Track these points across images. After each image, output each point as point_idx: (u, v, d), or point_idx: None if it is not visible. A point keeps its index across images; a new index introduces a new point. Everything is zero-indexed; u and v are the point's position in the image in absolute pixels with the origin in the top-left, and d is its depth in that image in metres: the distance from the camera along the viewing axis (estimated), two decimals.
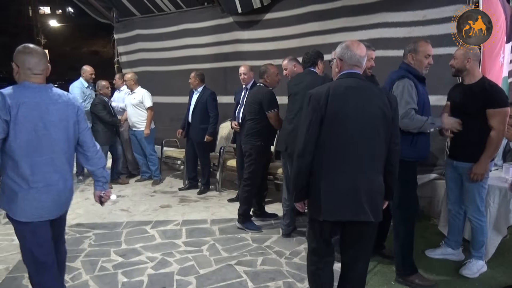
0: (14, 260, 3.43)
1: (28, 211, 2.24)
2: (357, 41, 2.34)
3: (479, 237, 3.08)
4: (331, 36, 5.01)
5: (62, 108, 2.27)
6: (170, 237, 3.94)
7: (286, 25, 5.45)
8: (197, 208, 4.83)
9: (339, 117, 2.16)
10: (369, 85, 2.29)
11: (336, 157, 2.17)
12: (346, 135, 2.16)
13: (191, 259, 3.45)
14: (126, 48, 7.62)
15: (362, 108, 2.16)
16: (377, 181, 2.21)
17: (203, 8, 6.33)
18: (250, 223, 4.12)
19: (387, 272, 3.16)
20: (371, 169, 2.19)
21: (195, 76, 5.36)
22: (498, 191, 3.15)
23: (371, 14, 4.70)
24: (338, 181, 2.17)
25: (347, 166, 2.16)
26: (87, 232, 4.06)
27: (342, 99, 2.17)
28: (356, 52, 2.25)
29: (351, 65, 2.26)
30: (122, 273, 3.22)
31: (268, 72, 4.10)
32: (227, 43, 6.10)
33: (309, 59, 3.78)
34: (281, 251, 3.59)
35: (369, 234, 2.29)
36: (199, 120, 5.27)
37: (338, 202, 2.17)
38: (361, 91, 2.20)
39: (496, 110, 2.88)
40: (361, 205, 2.15)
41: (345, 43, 2.31)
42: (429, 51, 2.96)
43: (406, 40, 4.45)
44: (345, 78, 2.26)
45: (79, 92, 5.85)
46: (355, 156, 2.16)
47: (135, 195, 5.35)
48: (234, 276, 3.15)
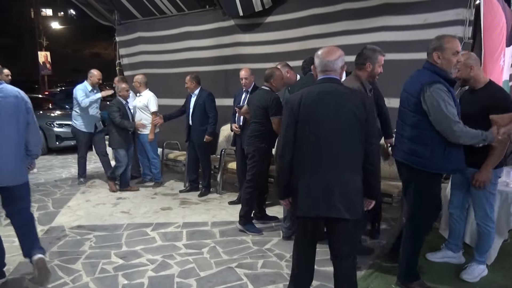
0: (15, 262, 3.44)
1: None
2: (330, 47, 2.48)
3: (485, 242, 3.07)
4: (332, 40, 5.01)
5: (13, 101, 2.89)
6: (171, 240, 3.94)
7: (287, 28, 5.47)
8: (197, 210, 4.84)
9: (312, 120, 2.33)
10: (343, 89, 2.40)
11: (311, 157, 2.34)
12: (319, 136, 2.32)
13: (191, 262, 3.45)
14: (128, 51, 7.65)
15: (334, 111, 2.30)
16: (353, 179, 2.32)
17: (205, 11, 6.34)
18: (251, 225, 4.12)
19: (388, 275, 3.15)
20: (346, 168, 2.31)
21: (190, 79, 5.34)
22: (499, 194, 3.14)
23: (372, 18, 4.71)
24: (313, 180, 2.34)
25: (322, 166, 2.32)
26: (87, 234, 4.07)
27: (314, 103, 2.33)
28: (324, 58, 2.40)
29: (323, 71, 2.42)
30: (123, 275, 3.22)
31: (274, 76, 4.07)
32: (228, 45, 6.12)
33: (308, 65, 3.98)
34: (281, 254, 3.58)
35: (348, 231, 2.37)
36: (199, 122, 5.28)
37: (313, 199, 2.34)
38: (334, 95, 2.34)
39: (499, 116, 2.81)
40: (333, 202, 2.29)
41: (318, 50, 2.46)
42: (457, 47, 2.68)
43: (407, 43, 4.48)
44: (321, 83, 2.41)
45: (82, 95, 5.74)
46: (329, 156, 2.31)
47: (136, 197, 5.36)
48: (235, 279, 3.15)
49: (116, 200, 5.26)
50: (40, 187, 5.90)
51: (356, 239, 2.49)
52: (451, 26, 4.12)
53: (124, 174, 5.67)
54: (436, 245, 3.55)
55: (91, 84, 5.89)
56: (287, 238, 3.90)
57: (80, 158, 6.00)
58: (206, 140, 5.26)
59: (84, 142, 5.90)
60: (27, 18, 28.31)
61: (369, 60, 3.03)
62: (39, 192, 5.62)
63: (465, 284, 3.02)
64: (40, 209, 4.89)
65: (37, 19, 24.10)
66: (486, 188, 2.96)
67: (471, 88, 3.07)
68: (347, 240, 2.39)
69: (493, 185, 2.99)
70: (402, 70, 4.47)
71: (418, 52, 4.33)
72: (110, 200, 5.27)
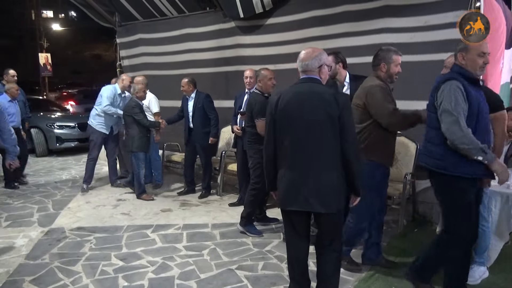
0: (15, 264, 3.43)
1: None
2: (309, 48, 2.59)
3: (482, 242, 3.07)
4: (332, 41, 5.02)
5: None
6: (171, 241, 3.93)
7: (288, 30, 5.47)
8: (198, 212, 4.83)
9: (287, 118, 2.46)
10: (318, 88, 2.47)
11: (287, 154, 2.48)
12: (293, 135, 2.44)
13: (191, 264, 3.44)
14: (129, 52, 7.66)
15: (307, 109, 2.40)
16: (327, 175, 2.40)
17: (206, 12, 6.35)
18: (252, 227, 4.11)
19: (388, 277, 3.14)
20: (318, 164, 2.40)
21: (187, 82, 5.30)
22: (499, 196, 3.13)
23: (373, 20, 4.71)
24: (288, 175, 2.48)
25: (296, 162, 2.45)
26: (88, 236, 4.06)
27: (289, 102, 2.46)
28: (301, 61, 2.53)
29: (301, 71, 2.55)
30: (123, 277, 3.21)
31: (260, 76, 4.06)
32: (229, 47, 6.12)
33: None
34: (282, 256, 3.57)
35: (326, 224, 2.51)
36: (200, 125, 5.27)
37: (288, 193, 2.48)
38: (307, 94, 2.44)
39: (492, 115, 2.84)
40: (306, 197, 2.41)
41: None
42: (483, 49, 2.64)
43: (408, 45, 4.48)
44: (299, 83, 2.54)
45: (110, 97, 5.58)
46: (302, 153, 2.42)
47: (136, 199, 5.35)
48: (235, 281, 3.14)
49: (116, 201, 5.25)
50: (40, 189, 5.90)
51: (338, 232, 2.58)
52: (452, 28, 4.11)
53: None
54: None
55: (121, 88, 5.74)
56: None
57: (90, 160, 5.74)
58: (211, 142, 5.26)
59: (98, 143, 5.72)
60: (28, 19, 28.36)
61: (384, 60, 3.08)
62: (39, 194, 5.61)
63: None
64: (40, 210, 4.88)
65: (38, 20, 24.10)
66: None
67: None
68: (328, 232, 2.53)
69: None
70: (403, 72, 4.48)
71: (420, 54, 4.34)
72: (110, 201, 5.26)
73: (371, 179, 2.98)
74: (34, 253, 3.65)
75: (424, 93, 3.70)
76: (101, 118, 5.68)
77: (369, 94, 2.99)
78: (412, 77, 4.36)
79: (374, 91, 2.99)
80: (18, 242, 3.91)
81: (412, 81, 4.37)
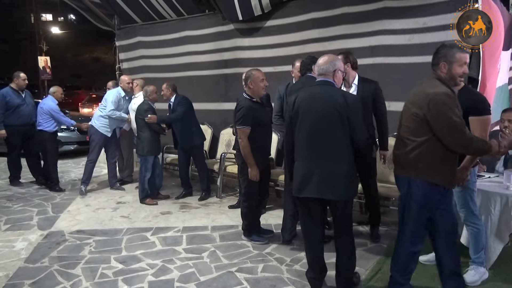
0: (14, 267, 3.43)
1: None
2: (326, 55, 2.90)
3: (478, 241, 3.08)
4: (331, 43, 5.04)
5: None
6: (171, 244, 3.93)
7: (286, 32, 5.48)
8: (197, 214, 4.82)
9: (302, 116, 2.77)
10: (332, 91, 2.77)
11: (301, 148, 2.79)
12: (307, 131, 2.74)
13: (191, 266, 3.44)
14: (128, 55, 7.67)
15: (319, 109, 2.70)
16: (337, 167, 2.68)
17: (204, 15, 6.37)
18: (256, 236, 3.97)
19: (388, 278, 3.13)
20: (329, 157, 2.69)
21: (167, 86, 5.30)
22: (499, 198, 3.13)
23: (371, 22, 4.72)
24: (302, 167, 2.78)
25: (308, 155, 2.75)
26: (87, 239, 4.05)
27: (304, 102, 2.77)
28: (319, 65, 2.83)
29: (318, 74, 2.85)
30: (123, 280, 3.21)
31: (252, 77, 3.73)
32: (228, 50, 6.13)
33: (306, 65, 3.83)
34: (282, 258, 3.57)
35: (339, 210, 2.78)
36: (181, 127, 5.27)
37: (302, 182, 2.76)
38: (321, 96, 2.74)
39: (477, 118, 2.85)
40: (317, 185, 2.69)
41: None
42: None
43: (406, 47, 4.49)
44: (314, 85, 2.85)
45: (115, 101, 5.67)
46: (314, 147, 2.72)
47: (136, 201, 5.34)
48: (235, 283, 3.13)
49: (116, 204, 5.25)
50: (39, 192, 5.89)
51: (348, 217, 2.84)
52: (450, 30, 4.13)
53: (154, 182, 5.40)
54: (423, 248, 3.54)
55: (124, 90, 5.81)
56: (288, 241, 3.89)
57: (89, 161, 5.76)
58: (147, 119, 5.03)
59: (99, 145, 5.76)
60: (27, 23, 28.38)
61: (444, 58, 2.55)
62: (38, 197, 5.61)
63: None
64: (40, 213, 4.88)
65: (37, 24, 24.17)
66: (469, 186, 2.98)
67: None
68: (341, 217, 2.80)
69: (474, 183, 3.03)
70: (402, 74, 4.50)
71: (418, 56, 4.35)
72: (110, 204, 5.26)
73: (426, 199, 2.57)
74: (34, 257, 3.65)
75: None
76: (104, 120, 5.71)
77: (432, 103, 2.45)
78: (409, 79, 4.37)
79: (438, 101, 2.44)
80: (18, 245, 3.91)
81: (410, 83, 4.35)
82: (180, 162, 5.56)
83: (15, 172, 6.31)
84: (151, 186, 5.31)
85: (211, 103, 6.35)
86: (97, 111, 5.85)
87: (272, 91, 4.69)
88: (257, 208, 4.08)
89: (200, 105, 6.12)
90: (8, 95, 5.91)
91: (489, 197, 3.18)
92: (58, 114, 5.80)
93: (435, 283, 2.97)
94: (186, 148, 5.38)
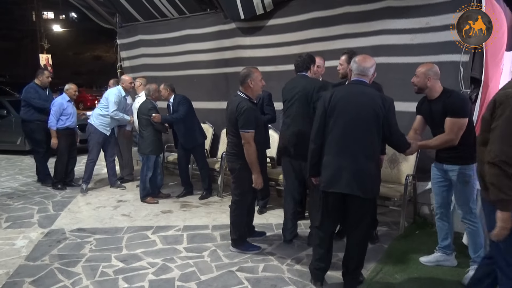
0: (14, 265, 3.43)
1: None
2: (366, 55, 2.97)
3: (476, 239, 3.07)
4: (333, 43, 5.02)
5: None
6: (171, 243, 3.92)
7: (288, 31, 5.47)
8: (198, 213, 4.82)
9: (338, 113, 2.80)
10: (369, 90, 2.84)
11: (335, 143, 2.82)
12: (343, 127, 2.78)
13: (192, 265, 3.43)
14: (129, 53, 7.66)
15: (356, 107, 2.77)
16: (367, 165, 2.76)
17: (206, 14, 6.35)
18: (248, 245, 3.73)
19: (389, 279, 3.13)
20: (361, 155, 2.75)
21: (165, 87, 5.28)
22: None
23: (373, 21, 4.70)
24: (335, 162, 2.80)
25: (342, 151, 2.78)
26: (88, 237, 4.05)
27: (341, 100, 2.82)
28: (361, 64, 2.88)
29: (357, 74, 2.89)
30: (123, 278, 3.20)
31: (252, 76, 3.48)
32: (229, 48, 6.12)
33: (303, 64, 3.75)
34: (282, 258, 3.57)
35: (359, 207, 2.82)
36: (183, 127, 5.26)
37: (333, 177, 2.80)
38: (359, 94, 2.81)
39: (451, 119, 2.97)
40: (348, 181, 2.74)
41: (355, 57, 2.96)
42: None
43: (409, 47, 4.47)
44: (351, 84, 2.95)
45: (116, 101, 5.61)
46: (348, 144, 2.77)
47: (136, 200, 5.34)
48: (236, 283, 3.13)
49: (116, 203, 5.24)
50: (40, 190, 5.89)
51: (367, 216, 2.87)
52: (453, 30, 4.12)
53: (155, 180, 5.39)
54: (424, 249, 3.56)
55: (125, 89, 5.78)
56: (289, 241, 3.88)
57: (89, 161, 5.74)
58: (153, 118, 5.03)
59: (98, 143, 5.73)
60: (29, 21, 28.41)
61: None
62: (39, 195, 5.61)
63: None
64: (40, 211, 4.87)
65: (38, 22, 24.20)
66: (472, 184, 3.01)
67: (428, 99, 3.18)
68: (360, 214, 2.84)
69: (474, 179, 3.03)
70: (403, 74, 4.48)
71: (420, 56, 4.33)
72: (110, 203, 5.25)
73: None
74: (34, 254, 3.65)
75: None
76: (104, 119, 5.69)
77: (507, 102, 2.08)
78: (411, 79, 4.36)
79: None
80: (18, 243, 3.91)
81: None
82: (180, 161, 5.55)
83: (45, 170, 6.20)
84: (152, 185, 5.30)
85: (212, 102, 6.33)
86: (96, 110, 5.79)
87: (274, 91, 4.68)
88: (249, 215, 3.89)
89: (201, 104, 6.12)
90: (37, 90, 5.94)
91: None
92: (56, 112, 5.67)
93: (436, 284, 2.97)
94: (188, 147, 5.37)
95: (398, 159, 4.40)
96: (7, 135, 8.84)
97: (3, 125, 8.94)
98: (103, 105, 5.74)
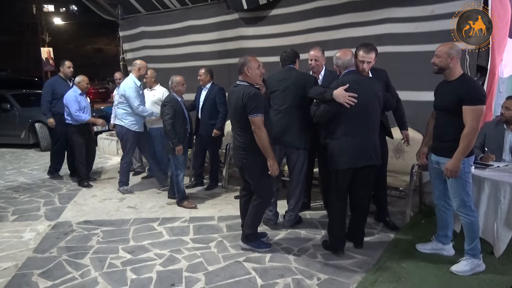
0: (23, 257, 3.45)
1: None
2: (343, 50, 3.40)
3: (471, 232, 3.05)
4: (336, 32, 4.99)
5: None
6: (178, 234, 3.94)
7: (291, 21, 5.44)
8: (204, 205, 4.83)
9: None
10: (366, 78, 3.43)
11: (353, 125, 3.25)
12: (354, 110, 3.19)
13: (199, 256, 3.45)
14: (131, 45, 7.64)
15: (365, 92, 3.22)
16: (377, 140, 3.36)
17: (208, 4, 6.32)
18: (259, 242, 3.61)
19: (396, 268, 3.14)
20: (373, 131, 3.33)
21: (205, 72, 5.26)
22: (509, 187, 3.11)
23: (377, 10, 4.67)
24: (354, 142, 3.25)
25: (361, 130, 3.26)
26: (94, 229, 4.07)
27: (353, 86, 3.19)
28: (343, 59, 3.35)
29: (345, 67, 3.37)
30: (131, 269, 3.23)
31: (247, 64, 3.35)
32: (232, 39, 6.09)
33: (289, 57, 3.99)
34: (289, 248, 3.58)
35: (372, 175, 3.40)
36: (208, 116, 5.25)
37: (354, 154, 3.26)
38: (362, 81, 3.31)
39: (471, 107, 2.83)
40: (369, 155, 3.28)
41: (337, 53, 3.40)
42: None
43: (414, 35, 4.43)
44: (349, 74, 3.34)
45: (135, 95, 5.09)
46: (365, 124, 3.28)
47: (142, 192, 5.36)
48: (243, 273, 3.15)
49: (122, 195, 5.26)
50: (46, 183, 5.91)
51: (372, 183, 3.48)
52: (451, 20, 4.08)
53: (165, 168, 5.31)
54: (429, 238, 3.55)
55: (138, 77, 5.19)
56: (290, 227, 3.96)
57: (125, 163, 5.36)
58: (214, 134, 5.20)
59: (133, 143, 5.32)
60: (30, 14, 28.28)
61: None
62: (45, 188, 5.63)
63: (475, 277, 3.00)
64: (47, 204, 4.90)
65: (39, 15, 24.03)
66: (461, 177, 2.96)
67: (446, 80, 3.06)
68: (369, 183, 3.43)
69: (467, 174, 3.00)
70: (408, 63, 4.46)
71: (424, 44, 4.30)
72: (116, 195, 5.27)
73: None
74: (42, 247, 3.67)
75: (428, 84, 3.68)
76: (132, 117, 5.20)
77: None
78: (416, 68, 4.34)
79: None
80: (26, 236, 3.93)
81: (416, 72, 4.33)
82: (197, 152, 5.54)
83: (56, 164, 6.14)
84: (159, 171, 5.43)
85: None
86: (119, 110, 5.24)
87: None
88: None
89: None
90: (55, 84, 5.88)
91: (498, 186, 3.16)
92: (72, 107, 5.40)
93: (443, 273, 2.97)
94: (209, 137, 5.25)
95: (403, 148, 4.39)
96: (11, 128, 8.87)
97: (7, 118, 8.96)
98: (125, 104, 5.17)
